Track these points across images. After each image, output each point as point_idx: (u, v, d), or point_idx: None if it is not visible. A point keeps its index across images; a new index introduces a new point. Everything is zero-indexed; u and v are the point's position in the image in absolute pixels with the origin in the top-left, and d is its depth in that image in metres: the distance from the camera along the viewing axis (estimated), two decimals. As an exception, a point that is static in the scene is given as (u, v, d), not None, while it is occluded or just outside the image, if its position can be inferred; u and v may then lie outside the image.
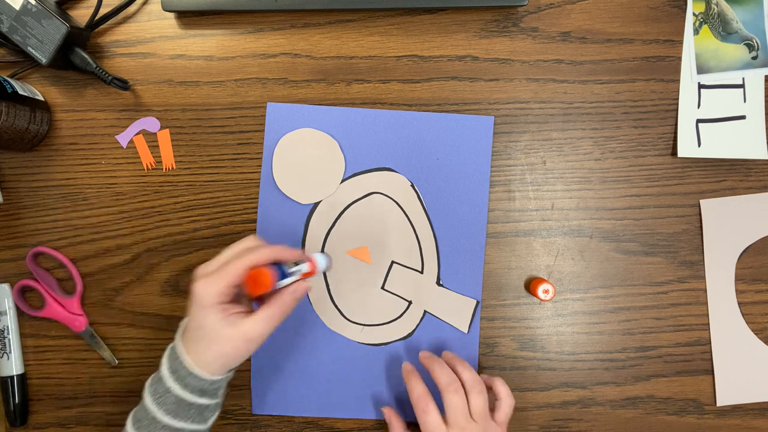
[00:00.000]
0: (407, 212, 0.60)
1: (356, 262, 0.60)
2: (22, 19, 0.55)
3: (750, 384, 0.61)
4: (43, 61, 0.56)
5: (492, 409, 0.55)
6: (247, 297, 0.50)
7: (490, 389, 0.55)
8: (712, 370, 0.61)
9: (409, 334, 0.61)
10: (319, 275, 0.49)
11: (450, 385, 0.53)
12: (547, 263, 0.61)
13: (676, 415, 0.61)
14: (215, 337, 0.46)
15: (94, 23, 0.59)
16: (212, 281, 0.46)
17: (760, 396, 0.61)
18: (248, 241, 0.49)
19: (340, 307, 0.61)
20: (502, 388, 0.55)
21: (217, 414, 0.51)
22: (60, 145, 0.61)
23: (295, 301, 0.48)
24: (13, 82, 0.56)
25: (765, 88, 0.60)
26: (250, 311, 0.48)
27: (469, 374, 0.54)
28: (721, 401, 0.61)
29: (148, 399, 0.48)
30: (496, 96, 0.60)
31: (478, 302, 0.61)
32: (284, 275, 0.47)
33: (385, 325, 0.61)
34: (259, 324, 0.46)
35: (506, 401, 0.55)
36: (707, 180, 0.61)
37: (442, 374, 0.54)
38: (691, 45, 0.60)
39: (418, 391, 0.54)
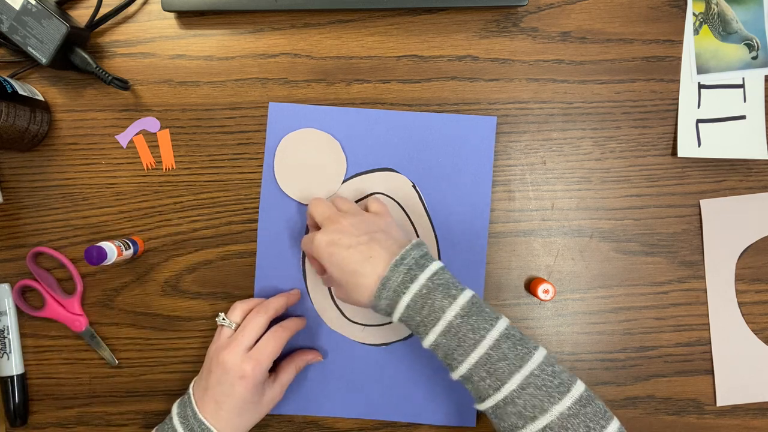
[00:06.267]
0: (409, 213, 0.60)
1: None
2: (22, 19, 0.55)
3: (750, 384, 0.61)
4: (43, 61, 0.56)
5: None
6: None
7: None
8: (712, 370, 0.61)
9: (410, 335, 0.61)
10: None
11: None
12: (547, 263, 0.61)
13: (676, 415, 0.61)
14: (242, 405, 0.51)
15: (94, 23, 0.59)
16: (261, 364, 0.52)
17: (760, 396, 0.61)
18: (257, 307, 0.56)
19: (341, 307, 0.61)
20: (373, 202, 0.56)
21: None
22: (60, 145, 0.61)
23: (300, 369, 0.58)
24: (13, 82, 0.56)
25: (765, 88, 0.60)
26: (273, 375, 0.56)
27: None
28: (721, 401, 0.61)
29: None
30: (496, 96, 0.60)
31: (478, 302, 0.61)
32: None
33: (385, 326, 0.61)
34: (277, 390, 0.55)
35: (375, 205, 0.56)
36: (707, 180, 0.61)
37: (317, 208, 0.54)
38: (691, 45, 0.60)
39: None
